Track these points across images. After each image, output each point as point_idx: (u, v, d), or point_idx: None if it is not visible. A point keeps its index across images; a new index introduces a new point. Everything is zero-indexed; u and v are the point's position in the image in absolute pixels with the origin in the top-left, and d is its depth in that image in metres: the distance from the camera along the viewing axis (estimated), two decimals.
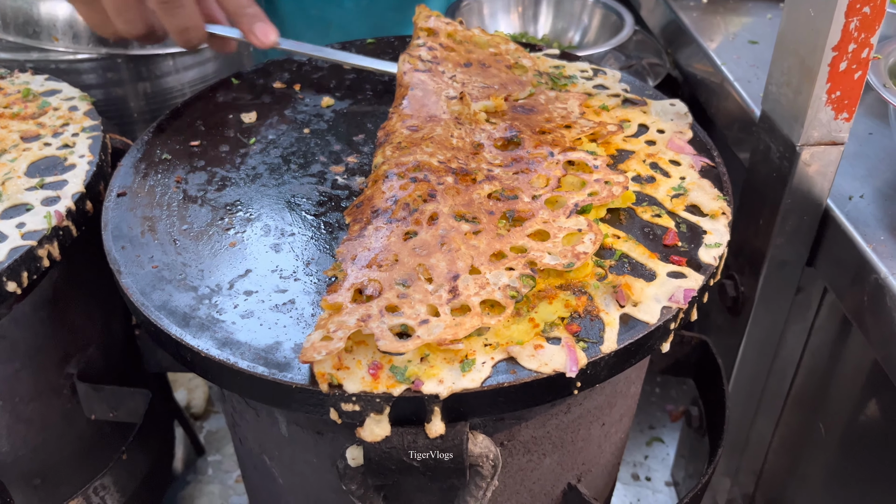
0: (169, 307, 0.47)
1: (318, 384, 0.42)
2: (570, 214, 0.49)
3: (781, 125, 0.60)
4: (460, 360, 0.43)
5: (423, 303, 0.43)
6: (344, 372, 0.42)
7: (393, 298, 0.44)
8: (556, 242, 0.47)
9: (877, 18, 0.53)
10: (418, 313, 0.43)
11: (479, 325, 0.42)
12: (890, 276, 0.55)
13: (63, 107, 0.67)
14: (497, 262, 0.46)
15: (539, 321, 0.45)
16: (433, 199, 0.49)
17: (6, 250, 0.51)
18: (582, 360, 0.43)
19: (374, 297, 0.44)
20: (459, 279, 0.45)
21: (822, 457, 0.75)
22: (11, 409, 0.58)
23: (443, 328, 0.42)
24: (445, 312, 0.43)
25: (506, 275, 0.45)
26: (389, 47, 0.75)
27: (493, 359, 0.43)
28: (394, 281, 0.45)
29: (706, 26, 0.92)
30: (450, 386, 0.41)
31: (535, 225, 0.48)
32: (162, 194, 0.56)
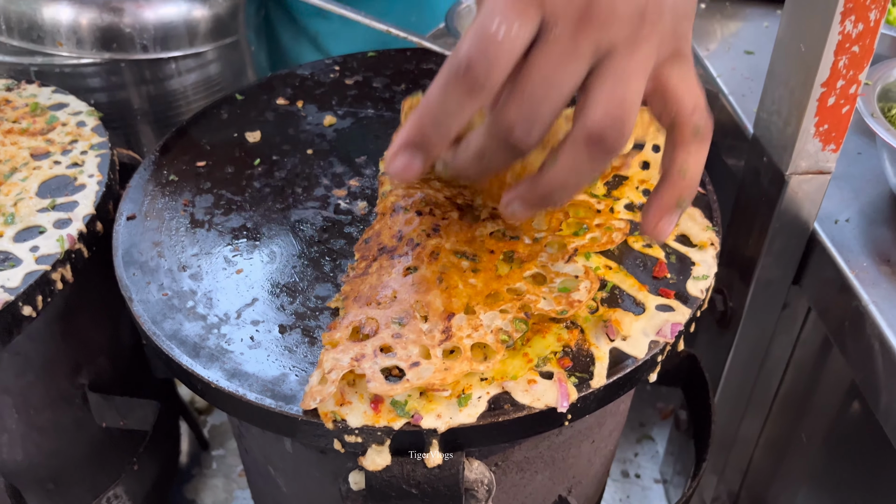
0: (179, 337, 0.49)
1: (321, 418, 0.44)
2: (568, 259, 0.51)
3: (771, 152, 0.62)
4: (457, 394, 0.45)
5: (417, 343, 0.46)
6: (346, 407, 0.44)
7: (388, 338, 0.46)
8: (553, 288, 0.49)
9: (865, 57, 0.54)
10: (410, 355, 0.45)
11: (468, 371, 0.44)
12: (871, 304, 0.57)
13: (71, 122, 0.68)
14: (492, 303, 0.48)
15: (533, 356, 0.47)
16: (436, 234, 0.51)
17: (21, 275, 0.54)
18: (573, 395, 0.45)
19: (370, 335, 0.46)
20: (454, 319, 0.47)
21: (803, 459, 0.78)
22: (26, 419, 0.60)
23: (432, 372, 0.44)
24: (437, 355, 0.45)
25: (499, 317, 0.47)
26: (391, 60, 0.76)
27: (489, 393, 0.45)
28: (390, 319, 0.47)
29: (703, 34, 0.93)
30: (447, 421, 0.44)
31: (533, 268, 0.50)
32: (170, 218, 0.58)
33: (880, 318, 0.56)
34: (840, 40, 0.53)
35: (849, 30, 0.53)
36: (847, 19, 0.52)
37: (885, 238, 0.63)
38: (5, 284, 0.53)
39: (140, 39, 0.87)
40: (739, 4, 0.98)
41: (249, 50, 1.00)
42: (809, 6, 0.54)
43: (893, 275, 0.59)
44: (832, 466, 0.74)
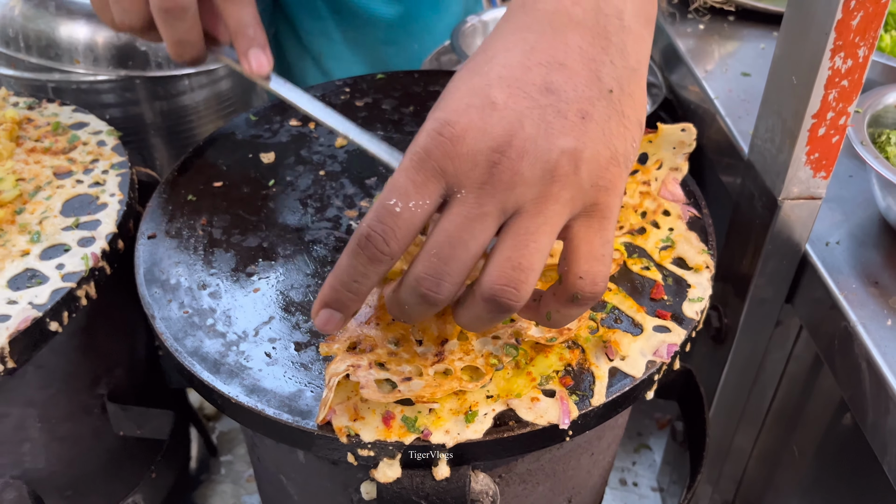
0: (200, 353, 0.52)
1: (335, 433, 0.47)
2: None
3: (764, 177, 0.65)
4: (464, 411, 0.47)
5: (410, 362, 0.49)
6: (360, 422, 0.47)
7: (383, 355, 0.49)
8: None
9: (854, 90, 0.57)
10: (403, 371, 0.48)
11: (458, 388, 0.47)
12: (858, 325, 0.60)
13: (91, 141, 0.71)
14: (486, 331, 0.50)
15: (536, 375, 0.49)
16: None
17: (48, 292, 0.56)
18: (574, 413, 0.48)
19: (366, 351, 0.49)
20: (447, 344, 0.50)
21: (795, 471, 0.81)
22: (48, 429, 0.63)
23: (423, 386, 0.47)
24: (429, 374, 0.48)
25: (491, 343, 0.50)
26: (399, 83, 0.79)
27: (494, 410, 0.48)
28: (386, 340, 0.50)
29: (701, 55, 0.96)
30: (455, 436, 0.46)
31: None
32: (189, 237, 0.60)
33: (867, 339, 0.58)
34: (830, 75, 0.56)
35: (838, 65, 0.55)
36: (837, 55, 0.55)
37: (874, 260, 0.66)
38: (33, 301, 0.55)
39: (155, 57, 0.90)
40: (737, 26, 1.01)
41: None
42: (801, 42, 0.57)
43: (881, 296, 0.62)
44: (823, 478, 0.77)
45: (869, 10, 0.53)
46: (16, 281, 0.57)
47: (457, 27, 1.01)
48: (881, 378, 0.56)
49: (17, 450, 0.61)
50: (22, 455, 0.62)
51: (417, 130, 0.43)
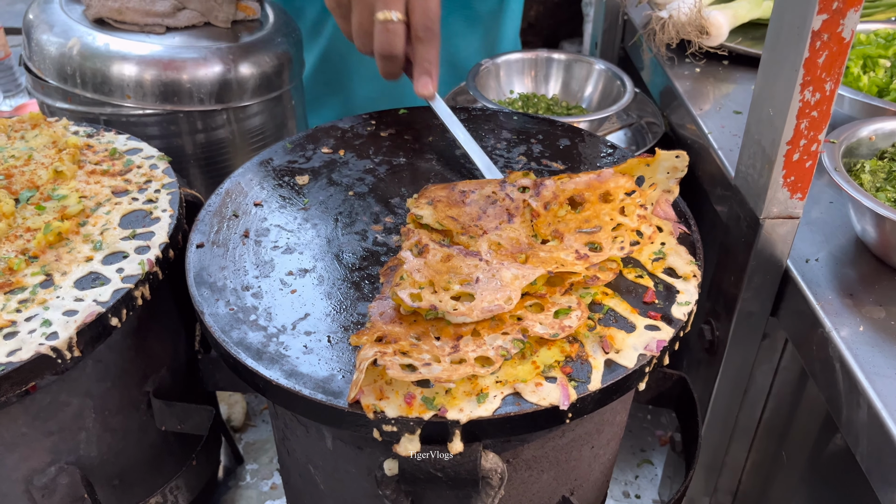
0: (245, 343, 0.59)
1: (364, 409, 0.53)
2: (563, 292, 0.61)
3: (748, 199, 0.72)
4: (476, 393, 0.54)
5: (430, 353, 0.55)
6: (385, 401, 0.54)
7: (406, 346, 0.56)
8: (548, 315, 0.59)
9: (823, 120, 0.64)
10: (423, 359, 0.55)
11: (471, 373, 0.54)
12: (833, 330, 0.66)
13: (145, 165, 0.79)
14: (497, 328, 0.58)
15: (540, 363, 0.56)
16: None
17: (110, 292, 0.64)
18: (573, 396, 0.54)
19: (391, 343, 0.56)
20: (462, 339, 0.57)
21: (787, 479, 0.86)
22: (101, 421, 0.70)
23: (441, 370, 0.54)
24: (446, 361, 0.55)
25: (501, 338, 0.57)
26: (419, 116, 0.87)
27: (503, 393, 0.54)
28: (409, 335, 0.57)
29: (697, 95, 1.04)
30: (468, 414, 0.53)
31: (533, 299, 0.60)
32: (233, 247, 0.68)
33: (840, 343, 0.65)
34: (801, 107, 0.63)
35: (808, 98, 0.63)
36: (806, 90, 0.62)
37: (850, 276, 0.72)
38: (97, 299, 0.63)
39: (198, 94, 0.99)
40: (730, 69, 1.09)
41: (291, 103, 1.12)
42: (776, 78, 0.65)
43: (855, 306, 0.68)
44: (813, 489, 0.82)
45: (833, 49, 0.61)
46: (81, 282, 0.65)
47: (473, 69, 1.10)
48: (853, 377, 0.63)
49: (74, 437, 0.68)
50: (78, 443, 0.69)
51: (436, 156, 0.52)
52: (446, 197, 0.70)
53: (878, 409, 0.59)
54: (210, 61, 1.00)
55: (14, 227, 0.69)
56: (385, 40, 0.78)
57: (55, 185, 0.74)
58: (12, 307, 0.62)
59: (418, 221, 0.68)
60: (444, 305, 0.58)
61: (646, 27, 1.13)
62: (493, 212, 0.69)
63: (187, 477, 0.73)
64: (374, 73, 1.22)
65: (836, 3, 0.59)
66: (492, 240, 0.65)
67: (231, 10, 1.08)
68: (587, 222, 0.68)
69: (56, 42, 0.98)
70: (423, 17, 0.78)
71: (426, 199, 0.70)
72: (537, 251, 0.65)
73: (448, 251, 0.63)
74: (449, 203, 0.69)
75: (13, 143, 0.81)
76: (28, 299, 0.62)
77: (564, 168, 0.79)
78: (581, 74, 1.15)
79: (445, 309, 0.57)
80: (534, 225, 0.69)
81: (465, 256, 0.63)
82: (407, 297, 0.58)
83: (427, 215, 0.67)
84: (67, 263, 0.66)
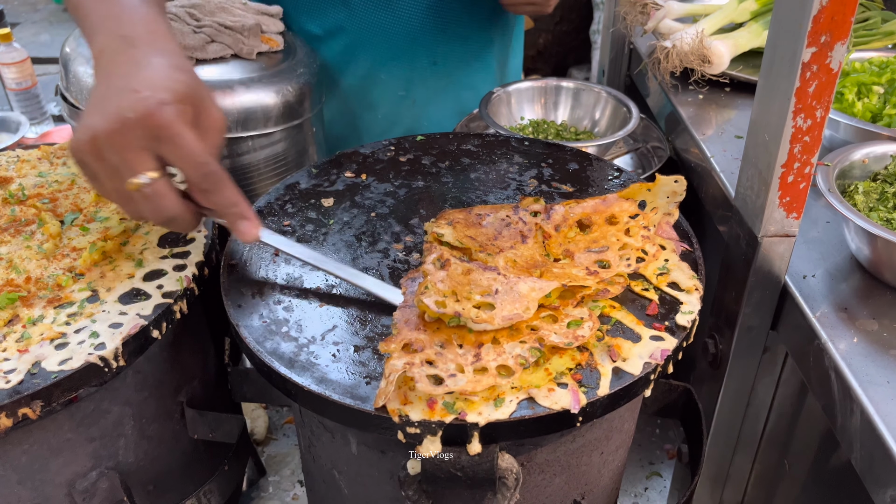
0: (278, 353, 0.63)
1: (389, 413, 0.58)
2: (576, 305, 0.66)
3: (747, 219, 0.76)
4: (494, 398, 0.59)
5: (454, 361, 0.60)
6: (409, 406, 0.58)
7: (431, 354, 0.60)
8: (562, 326, 0.63)
9: (815, 144, 0.69)
10: (448, 368, 0.59)
11: (493, 384, 0.58)
12: (829, 342, 0.70)
13: None
14: (515, 336, 0.62)
15: (552, 370, 0.61)
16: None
17: (152, 306, 0.69)
18: (583, 400, 0.59)
19: (417, 351, 0.61)
20: (483, 347, 0.61)
21: (791, 490, 0.89)
22: (139, 428, 0.74)
23: (465, 382, 0.58)
24: (469, 371, 0.59)
25: (519, 347, 0.61)
26: (436, 143, 0.92)
27: (518, 398, 0.59)
28: (434, 342, 0.62)
29: (700, 120, 1.09)
30: (486, 417, 0.57)
31: (548, 310, 0.65)
32: (265, 265, 0.73)
33: (835, 353, 0.69)
34: (794, 132, 0.68)
35: (800, 124, 0.68)
36: (798, 116, 0.67)
37: (844, 291, 0.76)
38: (140, 313, 0.68)
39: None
40: (732, 96, 1.14)
41: (312, 130, 1.17)
42: (770, 106, 0.70)
43: (849, 319, 0.72)
44: (812, 496, 0.85)
45: (822, 79, 0.66)
46: (125, 298, 0.70)
47: (485, 97, 1.15)
48: (847, 385, 0.66)
49: (114, 443, 0.72)
50: (117, 449, 0.73)
51: (452, 179, 0.56)
52: (464, 219, 0.75)
53: (871, 414, 0.63)
54: (236, 91, 1.05)
55: (61, 246, 0.74)
56: (151, 208, 0.64)
57: (97, 207, 0.80)
58: (62, 320, 0.66)
59: (439, 239, 0.73)
60: (467, 312, 0.62)
61: (651, 56, 1.18)
62: (507, 233, 0.74)
63: (219, 481, 0.77)
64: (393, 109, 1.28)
65: (825, 37, 0.63)
66: (508, 257, 0.70)
67: (256, 42, 1.14)
68: (595, 242, 0.73)
69: (92, 74, 1.04)
70: (191, 168, 0.63)
71: (445, 221, 0.75)
72: (550, 268, 0.69)
73: (468, 265, 0.68)
74: (467, 224, 0.74)
75: (56, 168, 0.86)
76: (76, 313, 0.67)
77: (573, 190, 0.84)
78: (589, 101, 1.20)
79: (469, 316, 0.62)
80: (546, 245, 0.73)
81: (484, 270, 0.68)
82: (432, 304, 0.62)
83: (447, 234, 0.72)
84: (111, 280, 0.71)
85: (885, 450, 0.61)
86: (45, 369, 0.62)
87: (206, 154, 0.64)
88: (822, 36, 0.63)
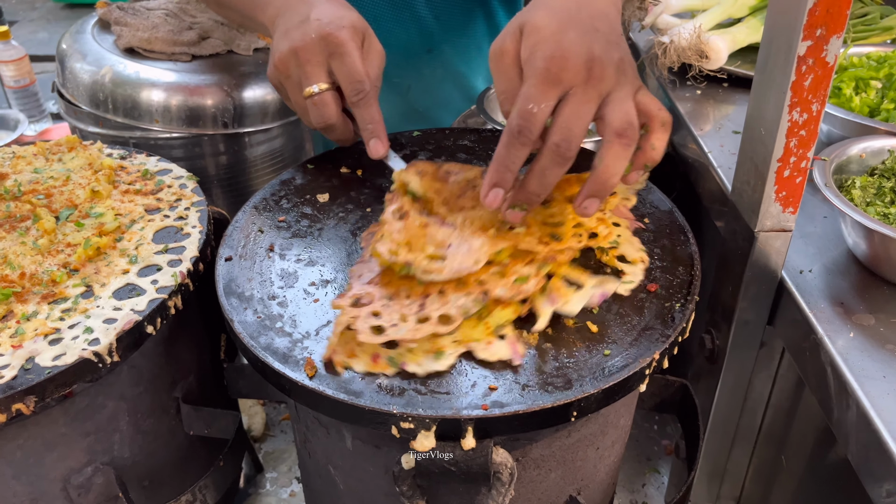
0: (272, 348, 0.63)
1: (383, 408, 0.58)
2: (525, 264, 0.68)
3: (743, 214, 0.76)
4: (434, 352, 0.61)
5: (398, 312, 0.62)
6: (354, 359, 0.61)
7: (378, 307, 0.63)
8: (508, 282, 0.65)
9: (811, 139, 0.69)
10: (392, 319, 0.62)
11: (433, 332, 0.61)
12: (825, 337, 0.70)
13: (175, 184, 0.84)
14: (461, 289, 0.64)
15: (492, 324, 0.63)
16: None
17: (146, 301, 0.68)
18: (521, 351, 0.62)
19: (366, 304, 0.63)
20: (428, 298, 0.63)
21: (788, 485, 0.89)
22: (134, 423, 0.74)
23: (405, 331, 0.60)
24: (412, 320, 0.61)
25: (463, 297, 0.63)
26: (432, 138, 0.92)
27: (458, 352, 0.62)
28: (382, 295, 0.64)
29: (697, 116, 1.09)
30: (427, 368, 0.60)
31: (497, 267, 0.67)
32: (260, 260, 0.73)
33: (832, 348, 0.69)
34: (790, 126, 0.68)
35: (796, 118, 0.67)
36: (794, 110, 0.67)
37: (841, 286, 0.76)
38: (134, 308, 0.68)
39: (221, 118, 1.05)
40: (729, 91, 1.14)
41: (308, 130, 1.17)
42: (765, 100, 0.69)
43: (845, 314, 0.72)
44: (814, 494, 0.85)
45: (818, 73, 0.65)
46: (119, 293, 0.70)
47: (483, 93, 1.15)
48: (843, 380, 0.66)
49: (109, 438, 0.72)
50: (112, 444, 0.73)
51: None
52: (433, 172, 0.77)
53: (866, 408, 0.63)
54: (232, 87, 1.05)
55: (55, 242, 0.74)
56: (316, 114, 0.79)
57: (92, 203, 0.80)
58: (56, 316, 0.66)
59: (405, 188, 0.75)
60: (417, 262, 0.65)
61: (648, 52, 1.18)
62: (471, 194, 0.75)
63: (215, 477, 0.77)
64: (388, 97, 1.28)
65: (820, 30, 0.63)
66: (467, 216, 0.72)
67: (252, 38, 1.14)
68: (552, 217, 0.75)
69: (89, 70, 1.04)
70: (348, 82, 0.78)
71: (415, 170, 0.76)
72: (505, 233, 0.71)
73: (425, 220, 0.71)
74: (434, 178, 0.76)
75: (51, 165, 0.86)
76: (70, 308, 0.67)
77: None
78: None
79: (419, 266, 0.65)
80: None
81: (440, 226, 0.70)
82: (385, 252, 0.66)
83: (415, 182, 0.74)
84: (106, 276, 0.71)
85: (880, 444, 0.61)
86: (38, 364, 0.62)
87: (364, 74, 0.78)
88: (817, 29, 0.63)
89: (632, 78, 0.67)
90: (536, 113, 0.63)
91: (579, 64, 0.64)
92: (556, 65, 0.63)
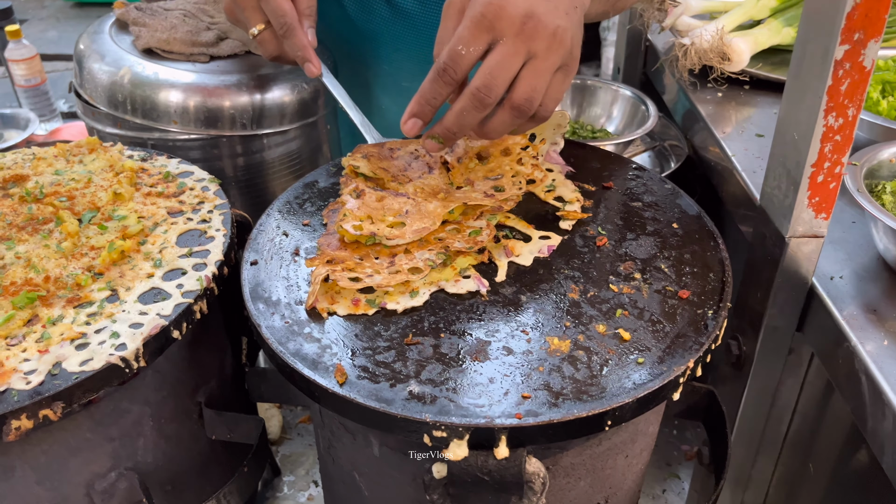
0: (301, 354, 0.62)
1: (415, 416, 0.57)
2: (476, 219, 0.75)
3: (774, 219, 0.75)
4: (410, 291, 0.67)
5: (371, 268, 0.68)
6: (336, 305, 0.66)
7: (351, 265, 0.68)
8: (464, 235, 0.73)
9: (846, 143, 0.68)
10: (366, 272, 0.68)
11: (405, 279, 0.67)
12: (859, 345, 0.69)
13: (197, 187, 0.84)
14: (423, 246, 0.71)
15: (457, 267, 0.70)
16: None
17: (172, 306, 0.68)
18: (486, 283, 0.69)
19: (339, 264, 0.67)
20: (396, 256, 0.70)
21: (814, 493, 0.88)
22: (157, 428, 0.73)
23: (381, 279, 0.67)
24: (385, 273, 0.68)
25: (427, 253, 0.70)
26: None
27: (431, 290, 0.68)
28: (353, 257, 0.70)
29: (719, 119, 1.08)
30: (405, 305, 0.66)
31: (452, 225, 0.74)
32: (286, 265, 0.72)
33: (866, 356, 0.68)
34: (825, 131, 0.67)
35: (831, 123, 0.66)
36: (829, 115, 0.66)
37: (873, 292, 0.75)
38: (160, 313, 0.67)
39: (239, 119, 1.04)
40: (751, 93, 1.13)
41: (326, 128, 1.16)
42: (800, 104, 0.68)
43: (879, 322, 0.71)
44: (836, 500, 0.84)
45: (855, 77, 0.64)
46: (144, 297, 0.69)
47: None
48: (878, 388, 0.65)
49: (133, 443, 0.72)
50: (136, 449, 0.72)
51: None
52: (377, 153, 0.83)
53: None
54: (250, 88, 1.04)
55: (79, 245, 0.73)
56: (262, 50, 0.93)
57: (115, 206, 0.79)
58: (82, 320, 0.66)
59: (355, 171, 0.80)
60: (381, 231, 0.71)
61: (668, 53, 1.17)
62: (416, 165, 0.82)
63: (239, 483, 0.76)
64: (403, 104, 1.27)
65: (858, 34, 0.62)
66: (416, 185, 0.78)
67: None
68: (491, 171, 0.83)
69: (107, 71, 1.03)
70: (273, 19, 0.87)
71: (361, 154, 0.82)
72: (453, 193, 0.78)
73: (381, 193, 0.76)
74: (380, 157, 0.82)
75: (72, 166, 0.86)
76: (96, 313, 0.66)
77: (595, 189, 0.83)
78: (606, 99, 1.19)
79: (383, 234, 0.71)
80: (449, 175, 0.82)
81: (395, 197, 0.76)
82: (350, 228, 0.70)
83: (363, 166, 0.80)
84: (131, 280, 0.70)
85: None
86: (65, 370, 0.61)
87: (284, 9, 0.86)
88: (855, 33, 0.62)
89: (565, 52, 0.68)
90: (465, 55, 0.67)
91: (515, 15, 0.66)
92: (492, 12, 0.66)
